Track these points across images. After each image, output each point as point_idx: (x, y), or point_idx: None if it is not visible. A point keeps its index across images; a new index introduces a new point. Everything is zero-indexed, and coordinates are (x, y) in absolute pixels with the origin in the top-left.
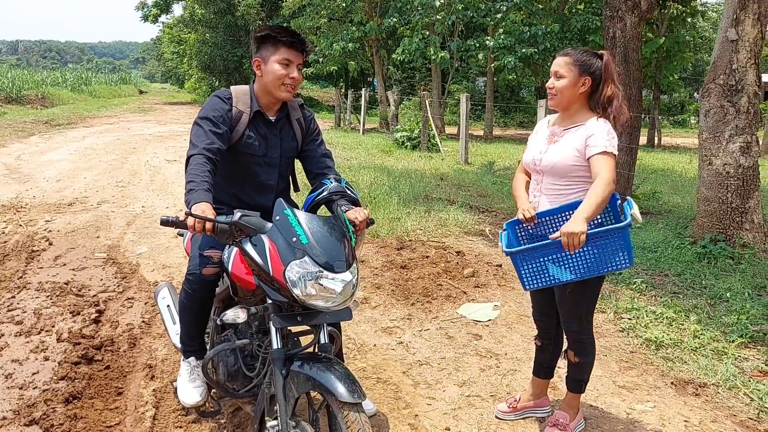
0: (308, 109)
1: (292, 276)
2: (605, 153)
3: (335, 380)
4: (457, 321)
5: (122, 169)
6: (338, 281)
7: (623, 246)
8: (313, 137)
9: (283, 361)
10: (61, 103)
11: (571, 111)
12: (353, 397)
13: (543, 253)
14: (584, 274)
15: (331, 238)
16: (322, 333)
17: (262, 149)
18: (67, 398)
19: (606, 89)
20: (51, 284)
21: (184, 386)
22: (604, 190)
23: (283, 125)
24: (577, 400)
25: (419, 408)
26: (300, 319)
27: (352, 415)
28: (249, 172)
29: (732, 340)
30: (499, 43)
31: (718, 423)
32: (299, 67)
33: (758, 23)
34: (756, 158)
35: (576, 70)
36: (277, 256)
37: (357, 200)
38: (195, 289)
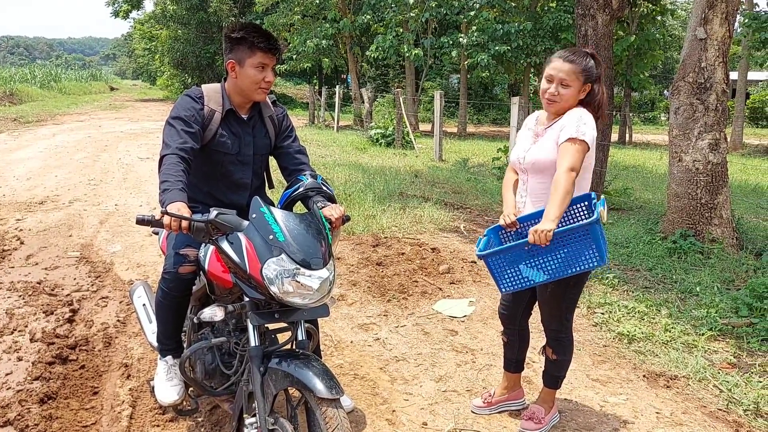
0: (281, 106)
1: (269, 273)
2: (570, 139)
3: (313, 376)
4: (433, 317)
5: (94, 167)
6: (315, 278)
7: (592, 244)
8: (287, 134)
9: (261, 358)
10: (30, 100)
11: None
12: (331, 393)
13: (515, 255)
14: (557, 274)
15: (307, 235)
16: (299, 330)
17: (235, 147)
18: (42, 398)
19: (601, 89)
20: (23, 284)
21: (162, 385)
22: (564, 179)
23: (255, 123)
24: (552, 395)
25: (396, 403)
26: (277, 316)
27: (330, 410)
28: (223, 171)
29: (702, 333)
30: (473, 40)
31: (689, 414)
32: (273, 68)
33: (726, 22)
34: (724, 155)
35: (582, 78)
36: (254, 253)
37: (332, 196)
38: (171, 288)
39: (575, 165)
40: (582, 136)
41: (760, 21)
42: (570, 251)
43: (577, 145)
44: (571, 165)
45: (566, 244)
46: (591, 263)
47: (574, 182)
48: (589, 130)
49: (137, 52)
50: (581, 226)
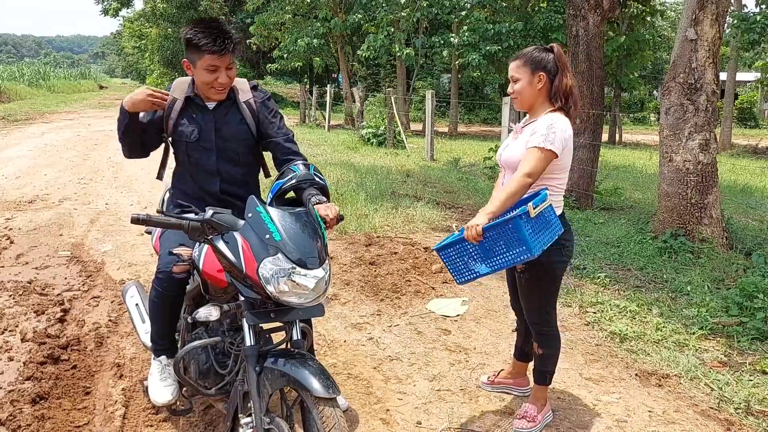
0: (263, 90)
1: (265, 273)
2: (535, 147)
3: (310, 376)
4: (426, 316)
5: (84, 166)
6: (311, 277)
7: (520, 237)
8: (270, 119)
9: (257, 357)
10: (18, 98)
11: (534, 108)
12: (328, 392)
13: (461, 249)
14: (496, 267)
15: (303, 234)
16: (294, 329)
17: (195, 135)
18: (34, 399)
19: (564, 79)
20: (13, 283)
21: (155, 385)
22: (516, 183)
23: (226, 110)
24: (543, 392)
25: (390, 403)
26: (273, 315)
27: (327, 410)
28: (190, 159)
29: (693, 332)
30: (464, 40)
31: (681, 413)
32: (229, 67)
33: (716, 23)
34: (714, 155)
35: (528, 69)
36: (250, 253)
37: (325, 187)
38: (165, 287)
39: (533, 171)
40: (549, 145)
41: (748, 22)
42: (504, 245)
43: (541, 154)
44: (528, 171)
45: (499, 238)
46: (521, 256)
47: (526, 186)
48: (558, 138)
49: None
50: (505, 220)
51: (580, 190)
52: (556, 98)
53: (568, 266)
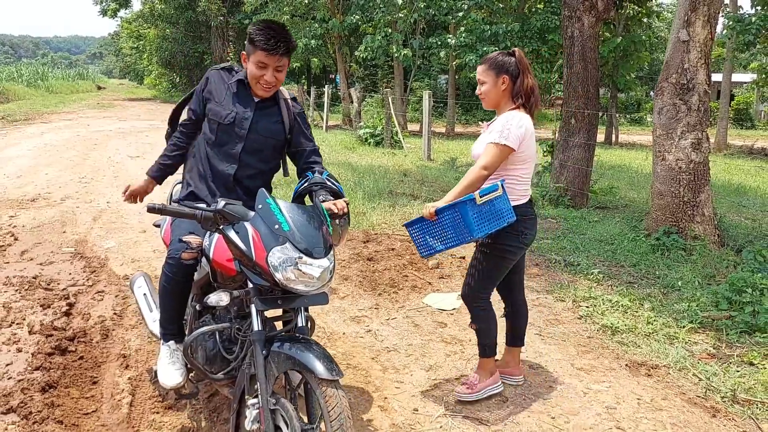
0: (299, 104)
1: (274, 261)
2: (491, 143)
3: (314, 359)
4: (423, 310)
5: (84, 165)
6: (317, 266)
7: (465, 221)
8: (303, 130)
9: (264, 342)
10: (17, 99)
11: (500, 107)
12: (331, 374)
13: (421, 227)
14: (448, 245)
15: (310, 226)
16: (300, 316)
17: (230, 118)
18: (44, 387)
19: (525, 80)
20: (19, 278)
21: (165, 368)
22: (472, 175)
23: (268, 108)
24: (486, 364)
25: (388, 391)
26: (280, 302)
27: (330, 390)
28: (216, 139)
29: (683, 325)
30: (461, 41)
31: (669, 400)
32: (278, 69)
33: (708, 25)
34: (706, 154)
35: (493, 72)
36: (260, 242)
37: (338, 191)
38: (174, 273)
39: (488, 165)
40: (504, 140)
41: (743, 23)
42: (452, 226)
43: (496, 149)
44: (484, 164)
45: (449, 220)
46: (466, 238)
47: (482, 178)
48: (513, 134)
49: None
50: (453, 204)
51: (575, 188)
52: (517, 97)
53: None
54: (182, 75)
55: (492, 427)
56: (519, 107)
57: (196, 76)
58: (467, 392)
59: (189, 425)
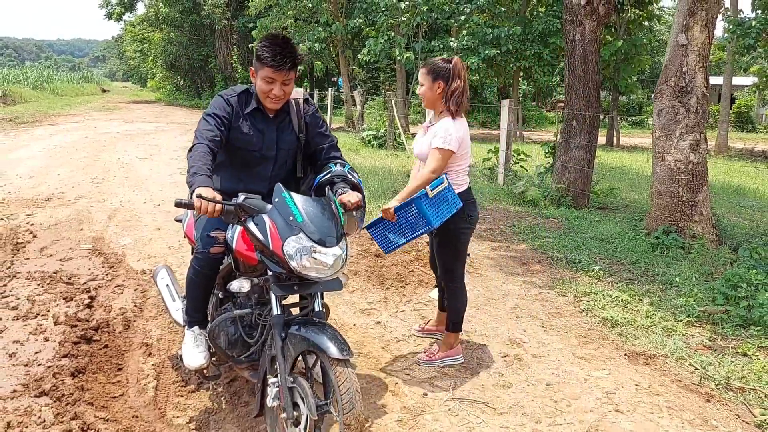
0: (313, 104)
1: (289, 250)
2: (436, 148)
3: (327, 340)
4: (430, 303)
5: (95, 166)
6: (329, 255)
7: (422, 214)
8: (319, 129)
9: (282, 325)
10: (24, 101)
11: (437, 109)
12: (342, 354)
13: (383, 226)
14: (410, 237)
15: (323, 217)
16: (316, 302)
17: (258, 143)
18: (73, 373)
19: (453, 84)
20: (40, 273)
21: (189, 351)
22: (422, 178)
23: (282, 120)
24: (451, 338)
25: (399, 377)
26: (296, 288)
27: (340, 368)
28: (246, 163)
29: (680, 319)
30: (463, 44)
31: (665, 387)
32: (285, 83)
33: (706, 29)
34: (704, 155)
35: (430, 77)
36: (276, 232)
37: (357, 184)
38: (203, 266)
39: (436, 168)
40: (447, 145)
41: (743, 27)
42: (413, 220)
43: (440, 154)
44: (433, 168)
45: (408, 215)
46: (425, 228)
47: (430, 180)
48: (453, 138)
49: (128, 54)
50: (409, 201)
51: (577, 189)
52: (447, 100)
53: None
54: (186, 78)
55: (498, 410)
56: (450, 110)
57: (200, 78)
58: (426, 359)
59: (212, 407)
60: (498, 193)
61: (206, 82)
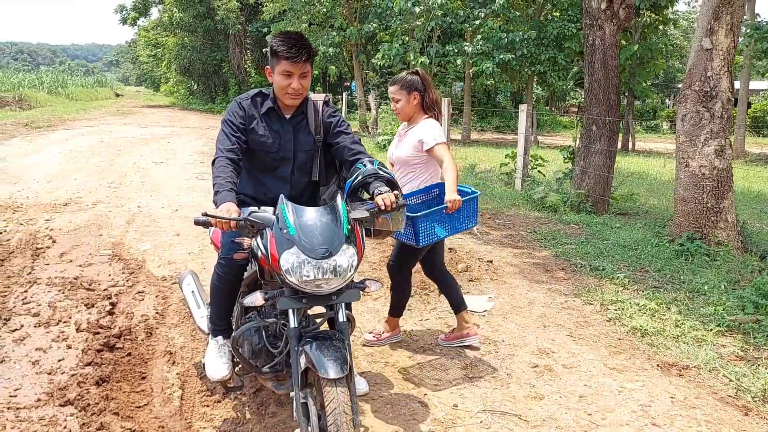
0: (332, 105)
1: (284, 264)
2: (438, 144)
3: (322, 357)
4: None
5: (111, 171)
6: (324, 266)
7: (475, 210)
8: (338, 128)
9: (299, 338)
10: (39, 106)
11: (413, 118)
12: (332, 373)
13: (434, 218)
14: (451, 232)
15: (320, 227)
16: (340, 312)
17: (275, 145)
18: (97, 381)
19: (431, 94)
20: (61, 279)
21: (213, 362)
22: (454, 167)
23: (299, 121)
24: (392, 321)
25: (427, 388)
26: (305, 301)
27: (328, 387)
28: (266, 166)
29: (710, 329)
30: (478, 48)
31: (701, 399)
32: (303, 75)
33: (731, 33)
34: (729, 160)
35: (405, 91)
36: (274, 247)
37: (392, 179)
38: (226, 272)
39: (451, 156)
40: (442, 139)
41: (761, 31)
42: (466, 215)
43: (444, 145)
44: (450, 159)
45: (465, 210)
46: (470, 225)
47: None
48: (442, 133)
49: (141, 59)
50: (473, 197)
51: (597, 195)
52: (429, 108)
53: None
54: (200, 82)
55: (531, 422)
56: (433, 116)
57: (214, 83)
58: (374, 339)
59: (238, 418)
60: (517, 198)
61: (220, 86)
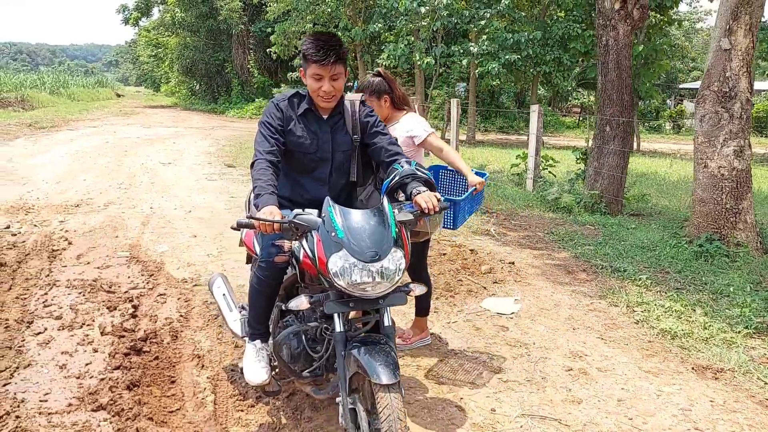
0: (367, 105)
1: (332, 267)
2: (430, 134)
3: (374, 362)
4: (482, 314)
5: (119, 172)
6: (375, 270)
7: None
8: (374, 128)
9: (344, 343)
10: (41, 106)
11: (389, 119)
12: (384, 378)
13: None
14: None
15: (368, 230)
16: (385, 316)
17: (314, 146)
18: (128, 386)
19: (397, 91)
20: (80, 281)
21: (251, 366)
22: (453, 150)
23: (336, 121)
24: (420, 322)
25: (462, 392)
26: (352, 305)
27: (382, 393)
28: (303, 168)
29: (738, 331)
30: (483, 49)
31: (741, 403)
32: (333, 78)
33: (750, 33)
34: (748, 161)
35: (375, 97)
36: (321, 249)
37: (429, 180)
38: (267, 276)
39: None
40: (430, 129)
41: (765, 32)
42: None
43: (434, 134)
44: (443, 142)
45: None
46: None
47: None
48: (427, 123)
49: (142, 59)
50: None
51: (610, 196)
52: (400, 105)
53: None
54: (202, 82)
55: (572, 427)
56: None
57: (216, 83)
58: (402, 343)
59: (273, 423)
60: (530, 199)
61: (222, 86)
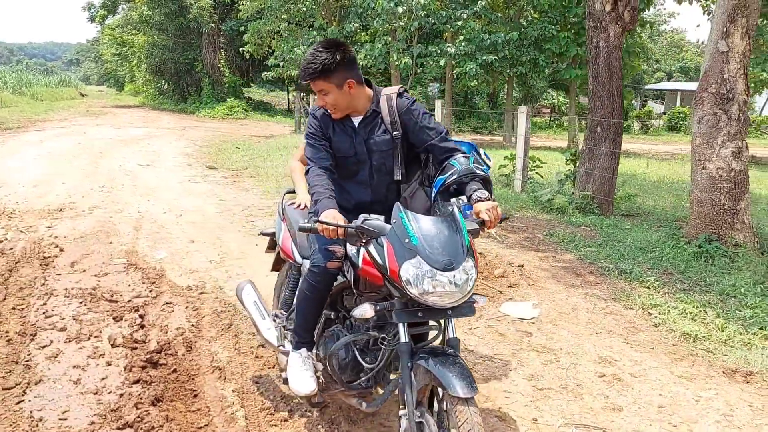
0: (408, 97)
1: (405, 275)
2: None
3: (449, 375)
4: (503, 319)
5: (98, 174)
6: (449, 279)
7: None
8: (420, 124)
9: (410, 354)
10: (4, 106)
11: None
12: (463, 391)
13: None
14: None
15: (443, 236)
16: (450, 328)
17: (351, 150)
18: (153, 401)
19: None
20: (78, 290)
21: (298, 376)
22: None
23: (369, 122)
24: None
25: (499, 401)
26: (421, 315)
27: (460, 407)
28: (346, 172)
29: (754, 332)
30: (461, 50)
31: None
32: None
33: (746, 36)
34: (746, 162)
35: None
36: (393, 256)
37: (487, 177)
38: (318, 281)
39: None
40: None
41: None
42: None
43: None
44: None
45: None
46: None
47: None
48: None
49: (105, 58)
50: None
51: (602, 197)
52: None
53: (623, 275)
54: (171, 82)
55: None
56: None
57: (186, 82)
58: None
59: None
60: (521, 200)
61: (192, 86)
